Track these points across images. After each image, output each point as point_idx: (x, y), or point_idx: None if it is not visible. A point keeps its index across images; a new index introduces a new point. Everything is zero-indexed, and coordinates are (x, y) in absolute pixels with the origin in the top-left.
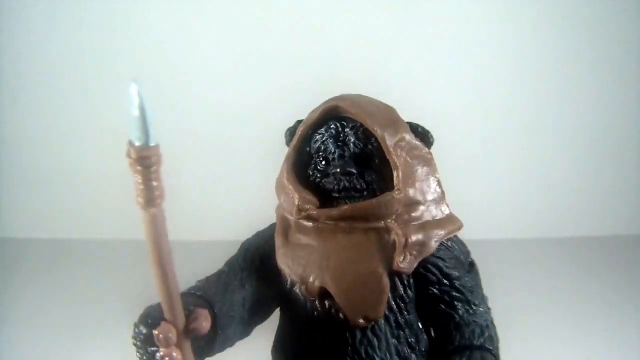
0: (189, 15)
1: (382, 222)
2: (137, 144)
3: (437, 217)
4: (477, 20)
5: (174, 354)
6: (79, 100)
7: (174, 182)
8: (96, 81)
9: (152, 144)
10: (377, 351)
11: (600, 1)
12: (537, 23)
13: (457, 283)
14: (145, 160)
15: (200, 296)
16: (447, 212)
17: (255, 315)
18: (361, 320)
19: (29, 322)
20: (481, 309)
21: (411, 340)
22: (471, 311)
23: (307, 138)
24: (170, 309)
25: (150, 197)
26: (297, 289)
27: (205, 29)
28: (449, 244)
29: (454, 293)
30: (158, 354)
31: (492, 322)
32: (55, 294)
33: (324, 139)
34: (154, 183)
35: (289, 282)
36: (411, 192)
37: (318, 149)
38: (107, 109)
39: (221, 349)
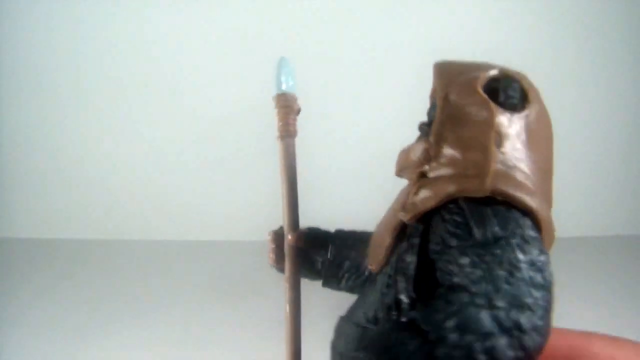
0: (183, 16)
1: (416, 172)
2: (279, 91)
3: (461, 174)
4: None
5: (272, 248)
6: (80, 101)
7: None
8: (96, 81)
9: (289, 91)
10: (366, 300)
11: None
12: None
13: (446, 255)
14: (284, 102)
15: (325, 231)
16: (476, 172)
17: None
18: (367, 268)
19: (28, 322)
20: (462, 294)
21: (389, 300)
22: (451, 291)
23: None
24: (285, 218)
25: (286, 129)
26: None
27: (207, 29)
28: (465, 205)
29: (441, 264)
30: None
31: (473, 312)
32: (55, 294)
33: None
34: (290, 121)
35: None
36: (439, 141)
37: None
38: (107, 109)
39: (328, 283)
